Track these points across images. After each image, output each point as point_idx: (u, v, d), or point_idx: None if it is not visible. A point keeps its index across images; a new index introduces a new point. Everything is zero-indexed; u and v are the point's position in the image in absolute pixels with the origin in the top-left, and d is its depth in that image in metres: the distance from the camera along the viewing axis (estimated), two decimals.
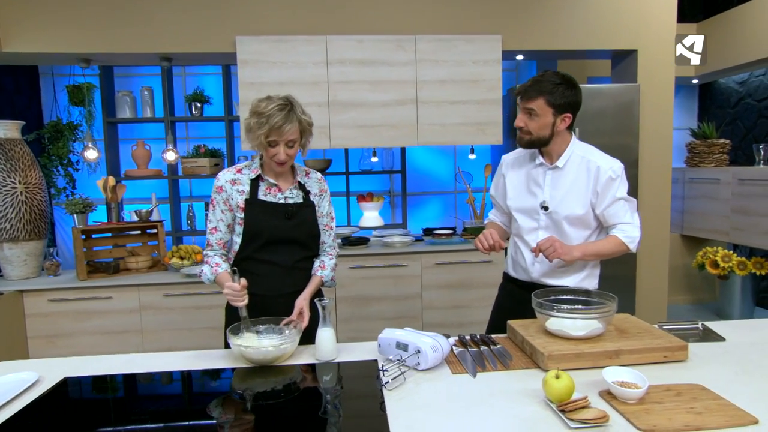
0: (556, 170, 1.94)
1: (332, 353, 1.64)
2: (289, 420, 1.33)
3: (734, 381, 1.42)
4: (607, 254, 1.93)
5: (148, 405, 1.50)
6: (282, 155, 1.78)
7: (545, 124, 1.86)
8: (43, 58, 3.68)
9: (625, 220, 1.92)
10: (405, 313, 3.64)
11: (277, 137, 1.75)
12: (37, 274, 3.59)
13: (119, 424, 1.37)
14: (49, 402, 1.43)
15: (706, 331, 1.82)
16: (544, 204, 1.95)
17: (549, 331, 1.65)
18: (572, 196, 1.91)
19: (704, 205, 4.58)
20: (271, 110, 1.73)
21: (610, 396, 1.32)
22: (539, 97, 1.84)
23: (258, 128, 1.75)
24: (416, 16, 3.66)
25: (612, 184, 1.89)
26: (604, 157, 1.94)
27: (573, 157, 1.93)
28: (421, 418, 1.26)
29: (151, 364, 1.69)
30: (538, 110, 1.84)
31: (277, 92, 3.50)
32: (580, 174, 1.91)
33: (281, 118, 1.73)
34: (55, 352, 3.37)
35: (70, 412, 1.42)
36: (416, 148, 4.56)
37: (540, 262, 1.97)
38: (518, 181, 2.03)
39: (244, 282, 1.74)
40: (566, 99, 1.85)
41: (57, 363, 1.69)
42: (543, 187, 1.96)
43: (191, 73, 4.80)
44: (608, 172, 1.88)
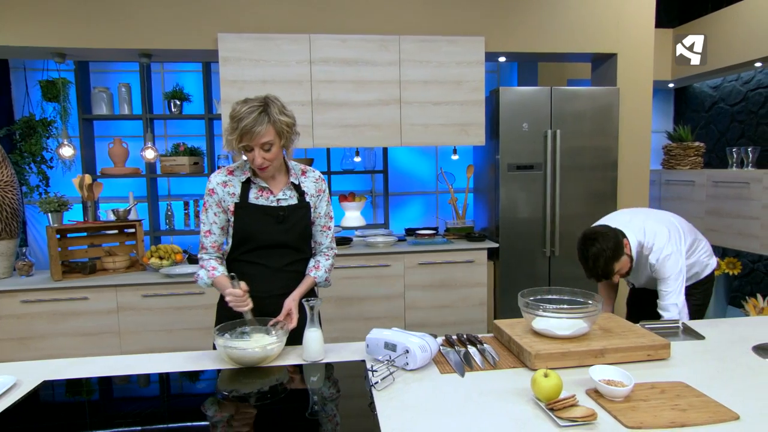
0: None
1: (320, 354, 1.63)
2: (275, 422, 1.31)
3: (715, 378, 1.45)
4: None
5: (131, 408, 1.46)
6: (258, 159, 1.71)
7: (623, 266, 2.17)
8: (16, 51, 3.58)
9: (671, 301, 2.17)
10: (388, 313, 3.63)
11: (249, 141, 1.68)
12: (8, 274, 3.49)
13: (101, 428, 1.33)
14: (27, 406, 1.39)
15: (687, 330, 1.86)
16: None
17: (535, 331, 1.67)
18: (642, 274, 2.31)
19: (680, 206, 4.68)
20: (243, 113, 1.67)
21: (596, 394, 1.34)
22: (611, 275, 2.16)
23: (231, 132, 1.69)
24: (400, 16, 3.66)
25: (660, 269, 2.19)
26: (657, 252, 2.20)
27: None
28: (412, 418, 1.25)
29: (135, 366, 1.65)
30: (620, 269, 2.16)
31: (259, 91, 3.48)
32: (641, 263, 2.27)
33: (251, 121, 1.65)
34: (28, 354, 3.28)
35: (50, 417, 1.38)
36: (398, 149, 4.56)
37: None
38: None
39: (245, 286, 1.71)
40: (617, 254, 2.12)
41: (35, 366, 1.65)
42: None
43: (170, 70, 4.71)
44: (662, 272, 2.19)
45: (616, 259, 2.10)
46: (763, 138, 4.50)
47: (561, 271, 3.81)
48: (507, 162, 3.69)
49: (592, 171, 3.77)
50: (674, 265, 2.14)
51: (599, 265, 2.09)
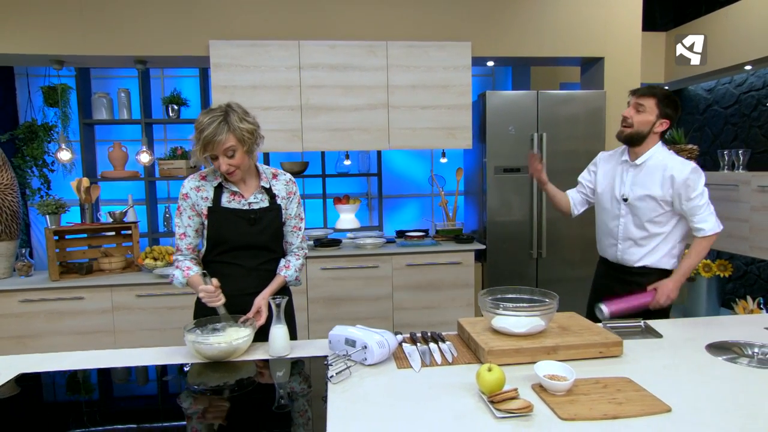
0: (636, 168, 2.20)
1: (284, 349, 1.69)
2: (233, 412, 1.38)
3: (660, 374, 1.50)
4: (696, 261, 2.15)
5: (102, 401, 1.54)
6: (223, 166, 1.79)
7: (647, 121, 2.14)
8: (16, 59, 3.70)
9: (698, 213, 2.10)
10: (376, 313, 3.70)
11: (211, 150, 1.76)
12: (8, 274, 3.59)
13: (71, 420, 1.41)
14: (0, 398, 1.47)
15: (647, 329, 1.90)
16: (624, 196, 2.23)
17: (494, 329, 1.72)
18: (649, 192, 2.15)
19: None
20: (204, 124, 1.75)
21: (541, 389, 1.39)
22: (652, 97, 2.14)
23: (195, 143, 1.78)
24: (388, 22, 3.73)
25: (686, 187, 2.09)
26: (679, 163, 2.14)
27: (653, 159, 2.17)
28: (359, 408, 1.32)
29: (108, 360, 1.73)
30: (647, 107, 2.13)
31: (250, 96, 3.61)
32: (656, 174, 2.14)
33: (211, 131, 1.73)
34: (26, 352, 3.36)
35: (25, 408, 1.46)
36: (393, 152, 4.63)
37: (616, 244, 2.29)
38: (606, 174, 2.33)
39: (217, 282, 1.79)
40: (671, 108, 2.15)
41: (12, 360, 1.73)
42: (625, 182, 2.23)
43: (169, 76, 4.82)
44: (678, 175, 2.10)
45: (660, 108, 2.11)
46: (755, 140, 4.51)
47: (548, 273, 3.84)
48: (494, 165, 3.74)
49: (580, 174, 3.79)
50: (703, 190, 2.09)
51: (653, 88, 2.15)
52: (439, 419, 1.26)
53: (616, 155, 2.34)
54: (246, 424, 1.30)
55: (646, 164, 2.18)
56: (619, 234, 2.29)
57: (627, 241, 2.26)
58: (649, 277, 2.22)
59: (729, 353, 1.65)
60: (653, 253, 2.22)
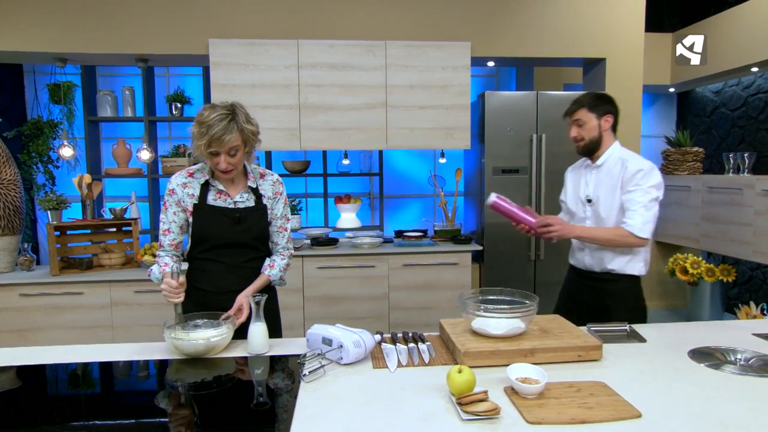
0: (598, 169, 2.25)
1: (263, 347, 1.70)
2: (205, 409, 1.38)
3: (637, 379, 1.48)
4: (604, 238, 2.14)
5: (79, 394, 1.56)
6: (223, 164, 1.79)
7: (592, 127, 2.22)
8: (20, 56, 3.75)
9: (633, 208, 2.11)
10: (372, 313, 3.70)
11: (217, 147, 1.76)
12: (11, 268, 3.65)
13: (41, 414, 1.42)
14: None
15: (632, 333, 1.88)
16: (588, 197, 2.26)
17: (474, 330, 1.71)
18: (608, 189, 2.19)
19: (676, 212, 4.64)
20: (212, 120, 1.73)
21: (513, 391, 1.38)
22: (580, 108, 2.23)
23: (199, 138, 1.76)
24: (387, 22, 3.73)
25: (634, 177, 2.12)
26: (637, 157, 2.20)
27: (611, 158, 2.22)
28: (327, 408, 1.31)
29: (87, 354, 1.74)
30: (583, 118, 2.22)
31: (248, 94, 3.63)
32: (614, 170, 2.19)
33: (221, 129, 1.73)
34: (26, 346, 3.42)
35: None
36: (396, 152, 4.63)
37: (583, 249, 2.29)
38: (572, 181, 2.39)
39: (182, 280, 1.80)
40: (603, 103, 2.23)
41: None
42: (589, 184, 2.27)
43: (174, 74, 4.87)
44: (633, 165, 2.13)
45: (594, 110, 2.20)
46: (762, 143, 4.44)
47: (546, 275, 3.82)
48: (492, 165, 3.72)
49: None
50: (650, 190, 2.09)
51: (577, 100, 2.24)
52: (406, 420, 1.25)
53: (581, 163, 2.39)
54: (215, 422, 1.30)
55: (606, 163, 2.23)
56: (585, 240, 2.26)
57: (593, 244, 2.23)
58: (617, 283, 2.21)
59: (711, 359, 1.63)
60: (619, 258, 2.19)
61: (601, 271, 2.23)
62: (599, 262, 2.23)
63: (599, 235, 2.15)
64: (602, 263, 2.22)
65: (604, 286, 2.23)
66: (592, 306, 2.24)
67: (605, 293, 2.22)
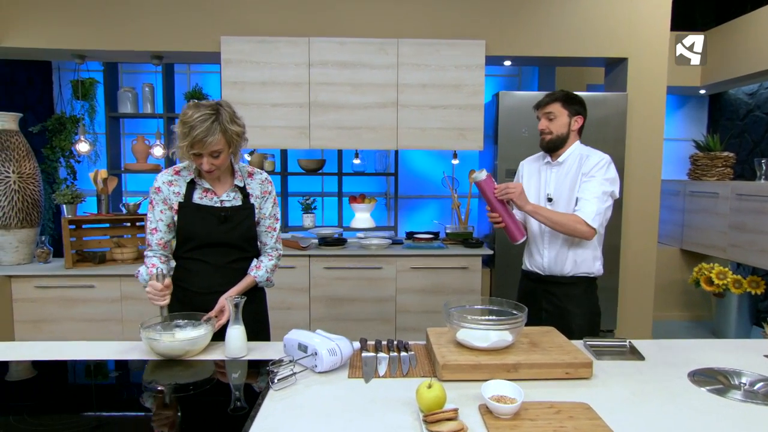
0: (559, 166, 2.22)
1: (240, 351, 1.66)
2: (171, 412, 1.35)
3: (625, 401, 1.38)
4: (557, 220, 2.09)
5: (52, 393, 1.55)
6: (206, 166, 1.77)
7: (563, 123, 2.18)
8: (40, 53, 3.84)
9: (585, 197, 2.09)
10: (379, 315, 3.64)
11: (200, 149, 1.73)
12: (29, 260, 3.73)
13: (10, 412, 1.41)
14: None
15: (631, 350, 1.77)
16: (549, 196, 2.21)
17: (458, 342, 1.64)
18: (569, 186, 2.17)
19: (703, 219, 4.43)
20: (195, 121, 1.69)
21: (487, 410, 1.30)
22: (555, 101, 2.19)
23: (182, 138, 1.73)
24: (399, 19, 3.66)
25: (593, 168, 2.12)
26: (596, 151, 2.20)
27: (573, 154, 2.20)
28: (287, 418, 1.27)
29: (68, 352, 1.74)
30: (555, 112, 2.17)
31: (259, 92, 3.62)
32: (574, 166, 2.18)
33: (203, 131, 1.69)
34: (41, 336, 3.50)
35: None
36: (414, 152, 4.56)
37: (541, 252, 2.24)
38: (530, 179, 2.31)
39: (168, 282, 1.78)
40: (577, 104, 2.20)
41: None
42: (549, 182, 2.23)
43: (195, 71, 4.92)
44: (593, 159, 2.14)
45: (567, 108, 2.17)
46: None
47: None
48: (505, 167, 3.61)
49: None
50: (604, 182, 2.09)
51: (552, 94, 2.21)
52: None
53: (538, 159, 2.34)
54: (169, 425, 1.27)
55: (567, 160, 2.20)
56: (545, 238, 2.22)
57: (553, 245, 2.20)
58: (576, 287, 2.18)
59: (713, 382, 1.51)
60: (578, 258, 2.17)
61: (560, 274, 2.20)
62: (557, 265, 2.20)
63: (551, 215, 2.10)
64: (561, 266, 2.19)
65: (564, 290, 2.19)
66: (551, 312, 2.20)
67: (566, 297, 2.18)
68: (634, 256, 3.81)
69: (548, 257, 2.21)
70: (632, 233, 3.80)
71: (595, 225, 2.06)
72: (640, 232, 3.80)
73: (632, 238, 3.80)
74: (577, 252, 2.18)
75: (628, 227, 3.79)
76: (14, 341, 3.41)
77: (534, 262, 2.28)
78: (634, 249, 3.81)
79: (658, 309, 4.75)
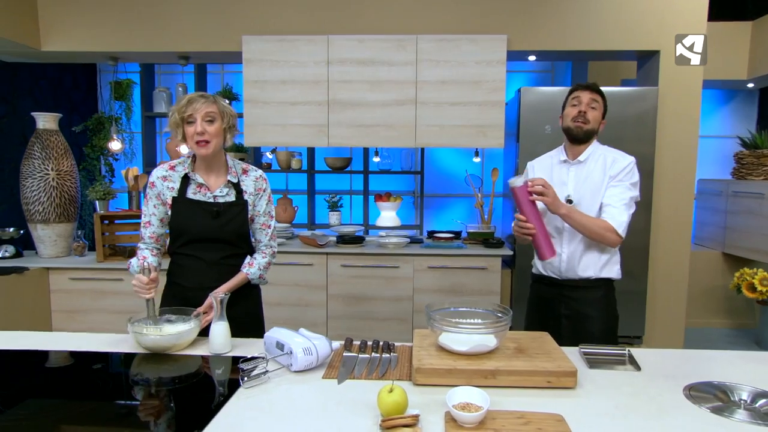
0: (579, 165, 2.09)
1: (224, 347, 1.68)
2: (138, 405, 1.38)
3: (604, 415, 1.30)
4: (588, 227, 1.98)
5: (36, 382, 1.61)
6: (199, 127, 1.79)
7: (598, 118, 2.08)
8: (77, 56, 4.02)
9: (614, 204, 1.99)
10: (395, 314, 3.61)
11: (192, 111, 1.80)
12: (66, 253, 3.93)
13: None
14: None
15: (630, 359, 1.67)
16: (569, 198, 2.07)
17: (440, 345, 1.59)
18: (593, 188, 2.05)
19: (747, 221, 4.15)
20: (190, 95, 1.84)
21: (452, 418, 1.26)
22: (601, 95, 2.08)
23: (176, 106, 1.83)
24: (418, 15, 3.61)
25: (620, 172, 2.03)
26: (621, 152, 2.11)
27: (593, 154, 2.09)
28: (248, 418, 1.26)
29: (57, 342, 1.81)
30: (599, 105, 2.07)
31: (279, 91, 3.66)
32: (597, 167, 2.06)
33: (198, 96, 1.83)
34: (75, 326, 3.68)
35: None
36: (441, 150, 4.50)
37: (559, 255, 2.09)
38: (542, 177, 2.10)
39: (154, 276, 1.82)
40: (606, 104, 2.11)
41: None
42: (567, 182, 2.09)
43: (229, 71, 5.05)
44: (620, 161, 2.05)
45: (604, 106, 2.08)
46: None
47: None
48: None
49: None
50: (631, 188, 2.01)
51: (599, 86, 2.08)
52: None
53: (551, 157, 2.21)
54: (126, 420, 1.30)
55: (589, 160, 2.08)
56: (563, 241, 2.09)
57: (572, 247, 2.07)
58: (596, 290, 2.08)
59: (709, 399, 1.40)
60: (597, 262, 2.07)
61: (578, 278, 2.08)
62: (575, 268, 2.08)
63: (584, 220, 1.98)
64: (579, 269, 2.08)
65: (583, 294, 2.07)
66: (570, 317, 2.09)
67: (585, 302, 2.06)
68: (665, 260, 3.61)
69: (566, 260, 2.09)
70: (663, 236, 3.60)
71: (624, 235, 1.99)
72: (671, 234, 3.60)
73: (663, 240, 3.60)
74: (596, 255, 2.07)
75: (659, 229, 3.60)
76: (52, 331, 3.62)
77: (549, 265, 2.16)
78: (664, 252, 3.61)
79: (697, 316, 4.50)
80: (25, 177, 3.69)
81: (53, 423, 1.30)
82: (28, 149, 3.70)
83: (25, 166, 3.70)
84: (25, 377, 1.60)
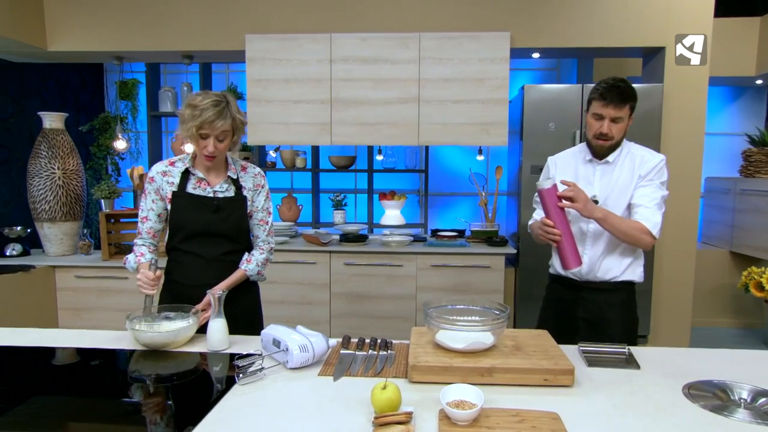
0: (606, 164, 2.01)
1: (221, 344, 1.68)
2: (145, 402, 1.39)
3: (601, 414, 1.29)
4: (624, 230, 1.90)
5: (34, 379, 1.62)
6: (211, 147, 1.83)
7: (624, 128, 1.95)
8: (82, 56, 4.05)
9: (647, 205, 1.92)
10: (398, 313, 3.61)
11: (209, 131, 1.80)
12: (72, 251, 3.96)
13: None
14: None
15: (629, 358, 1.65)
16: (595, 198, 1.98)
17: (436, 343, 1.59)
18: (621, 188, 1.97)
19: (756, 220, 4.10)
20: (205, 104, 1.79)
21: (445, 416, 1.25)
22: (628, 102, 1.89)
23: (191, 120, 1.80)
24: (421, 13, 3.60)
25: (651, 171, 1.94)
26: (649, 150, 2.02)
27: (621, 153, 2.00)
28: (241, 415, 1.26)
29: (55, 339, 1.82)
30: (623, 116, 1.91)
31: (281, 89, 3.66)
32: (625, 166, 1.98)
33: (214, 114, 1.78)
34: (80, 324, 3.71)
35: None
36: (446, 148, 4.49)
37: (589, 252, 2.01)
38: (565, 178, 1.99)
39: (159, 273, 1.83)
40: (636, 101, 1.94)
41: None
42: (593, 182, 2.01)
43: (234, 71, 5.06)
44: (649, 160, 1.96)
45: (632, 109, 1.92)
46: None
47: None
48: (530, 164, 3.49)
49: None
50: (662, 186, 1.94)
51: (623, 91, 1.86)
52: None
53: (575, 154, 2.09)
54: (129, 415, 1.30)
55: (617, 159, 1.99)
56: (587, 241, 2.00)
57: (596, 249, 2.00)
58: (618, 293, 2.01)
59: (709, 398, 1.38)
60: (620, 264, 2.00)
61: (600, 280, 2.01)
62: (598, 270, 2.01)
63: (620, 224, 1.89)
64: (602, 272, 2.00)
65: (604, 297, 2.01)
66: (588, 320, 2.03)
67: (606, 305, 2.00)
68: (670, 259, 3.58)
69: (587, 262, 1.99)
70: (668, 234, 3.56)
71: (658, 236, 1.93)
72: (677, 233, 3.56)
73: (668, 239, 3.57)
74: (618, 257, 2.00)
75: (664, 227, 3.51)
76: (58, 328, 3.65)
77: None
78: (670, 251, 3.58)
79: (704, 315, 4.45)
80: (31, 176, 3.73)
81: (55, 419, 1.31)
82: (35, 148, 3.74)
83: (31, 165, 3.73)
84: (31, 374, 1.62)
